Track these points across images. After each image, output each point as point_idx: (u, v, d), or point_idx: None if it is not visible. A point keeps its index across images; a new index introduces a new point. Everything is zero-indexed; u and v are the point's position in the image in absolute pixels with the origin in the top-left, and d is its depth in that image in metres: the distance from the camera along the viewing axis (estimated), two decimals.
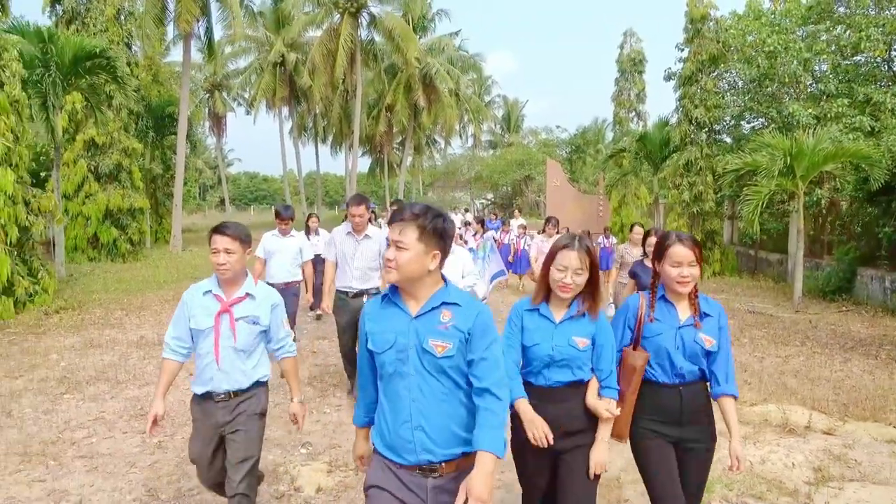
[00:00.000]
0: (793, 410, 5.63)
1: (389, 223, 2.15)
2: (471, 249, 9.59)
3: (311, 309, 9.52)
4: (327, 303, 5.67)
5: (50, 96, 12.99)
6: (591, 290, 2.63)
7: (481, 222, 12.62)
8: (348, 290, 5.54)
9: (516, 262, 13.97)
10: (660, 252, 2.76)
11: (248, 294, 3.07)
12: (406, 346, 2.13)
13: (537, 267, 8.85)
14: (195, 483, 4.14)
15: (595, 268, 2.61)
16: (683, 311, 2.79)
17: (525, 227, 15.56)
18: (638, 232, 7.49)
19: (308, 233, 9.48)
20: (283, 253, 6.70)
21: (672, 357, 2.72)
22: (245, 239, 3.02)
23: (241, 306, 3.05)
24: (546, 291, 2.70)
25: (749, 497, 4.05)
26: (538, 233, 13.05)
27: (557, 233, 9.77)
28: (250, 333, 3.06)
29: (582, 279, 2.58)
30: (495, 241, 13.84)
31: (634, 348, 2.79)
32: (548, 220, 10.30)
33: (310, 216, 9.82)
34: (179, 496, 3.98)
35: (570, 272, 2.56)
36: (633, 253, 7.35)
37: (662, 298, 2.81)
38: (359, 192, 6.07)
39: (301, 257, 6.85)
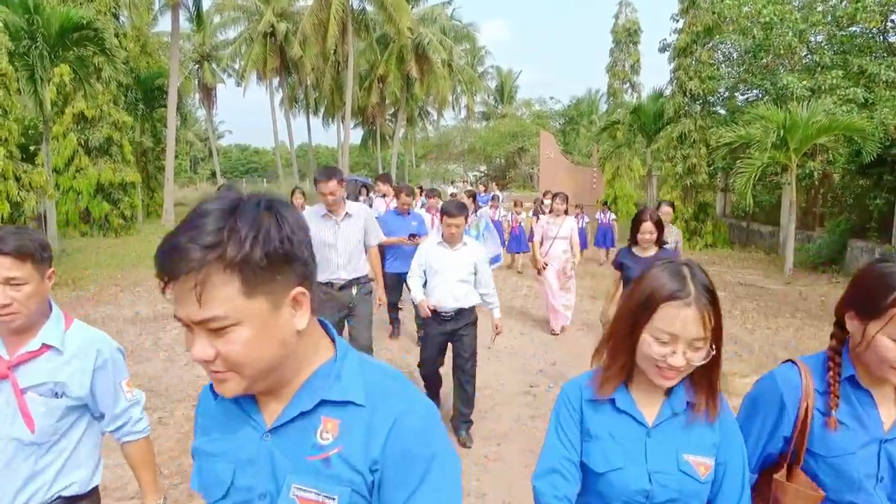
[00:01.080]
0: None
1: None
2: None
3: None
4: None
5: (37, 69, 12.78)
6: (708, 371, 1.42)
7: (473, 196, 10.64)
8: (334, 282, 4.65)
9: (512, 240, 12.88)
10: (869, 303, 1.42)
11: (46, 346, 1.80)
12: (251, 494, 1.05)
13: (538, 252, 7.56)
14: None
15: (720, 333, 1.39)
16: (889, 409, 1.50)
17: (497, 199, 14.60)
18: (667, 212, 6.42)
19: None
20: None
21: (868, 494, 1.47)
22: (41, 257, 1.76)
23: (31, 368, 1.77)
24: (624, 369, 1.47)
25: None
26: (543, 209, 11.83)
27: (566, 212, 7.73)
28: (52, 413, 1.78)
29: (701, 355, 1.37)
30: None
31: (790, 474, 1.54)
32: (554, 195, 7.79)
33: (294, 191, 8.65)
34: (181, 472, 4.05)
35: (682, 345, 1.35)
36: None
37: (851, 382, 1.50)
38: (326, 165, 4.76)
39: None
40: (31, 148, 16.33)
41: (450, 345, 4.72)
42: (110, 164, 18.27)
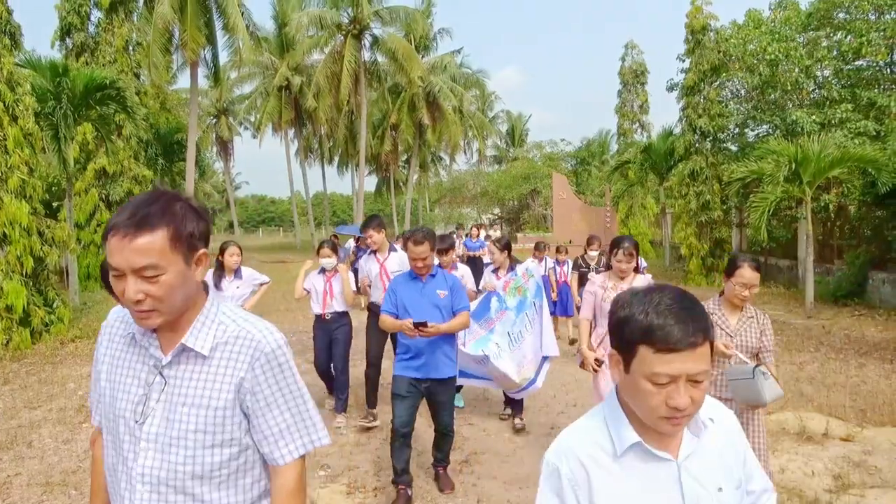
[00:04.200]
0: (810, 418, 5.62)
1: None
2: (493, 294, 5.52)
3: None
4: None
5: (61, 128, 13.19)
6: None
7: (507, 248, 6.15)
8: None
9: (560, 301, 9.52)
10: None
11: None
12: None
13: (586, 339, 4.40)
14: None
15: None
16: None
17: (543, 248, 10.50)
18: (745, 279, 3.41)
19: (221, 275, 5.73)
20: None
21: None
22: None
23: None
24: None
25: None
26: (586, 261, 8.59)
27: (637, 269, 4.43)
28: None
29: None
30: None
31: None
32: (615, 244, 4.38)
33: (224, 246, 5.82)
34: None
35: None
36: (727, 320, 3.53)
37: None
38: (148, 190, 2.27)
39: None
40: (55, 204, 16.77)
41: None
42: None
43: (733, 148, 18.36)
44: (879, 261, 12.60)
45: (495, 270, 6.06)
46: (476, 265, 11.62)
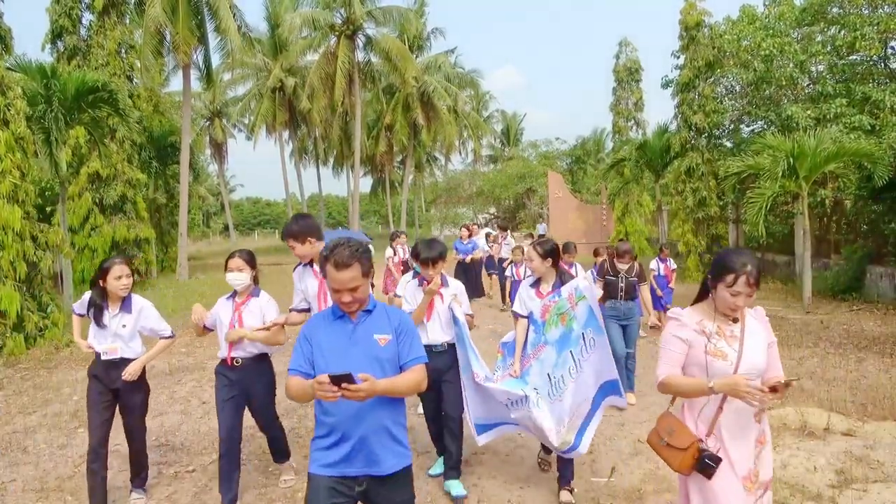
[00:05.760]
0: (811, 413, 5.59)
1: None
2: (530, 322, 4.38)
3: None
4: None
5: (53, 131, 13.09)
6: None
7: (551, 255, 4.39)
8: None
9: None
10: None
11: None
12: None
13: (665, 375, 2.72)
14: None
15: None
16: None
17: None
18: None
19: (104, 306, 4.17)
20: None
21: None
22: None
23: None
24: None
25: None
26: (613, 269, 6.63)
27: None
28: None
29: None
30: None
31: None
32: (727, 264, 2.62)
33: (107, 266, 4.16)
34: None
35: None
36: None
37: None
38: None
39: None
40: (48, 208, 16.67)
41: None
42: (125, 222, 18.52)
43: (728, 144, 18.35)
44: (876, 255, 12.60)
45: (536, 284, 4.45)
46: (468, 274, 11.11)
